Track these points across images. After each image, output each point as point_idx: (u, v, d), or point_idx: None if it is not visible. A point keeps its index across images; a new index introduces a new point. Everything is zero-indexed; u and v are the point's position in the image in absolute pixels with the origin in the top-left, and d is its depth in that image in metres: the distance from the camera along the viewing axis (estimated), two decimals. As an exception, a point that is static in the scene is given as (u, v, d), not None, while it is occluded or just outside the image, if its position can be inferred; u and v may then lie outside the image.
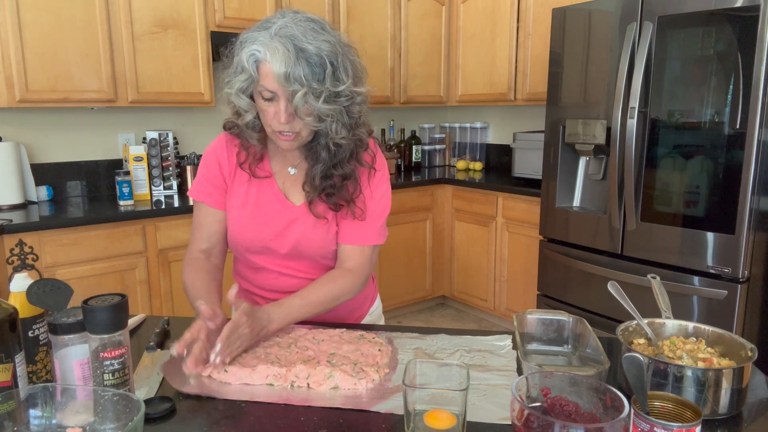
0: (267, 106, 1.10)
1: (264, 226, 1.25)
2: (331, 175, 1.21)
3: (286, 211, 1.25)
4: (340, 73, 1.09)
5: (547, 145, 2.83)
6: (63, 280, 0.88)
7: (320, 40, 1.06)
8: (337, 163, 1.20)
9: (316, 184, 1.21)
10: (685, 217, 2.27)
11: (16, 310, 0.82)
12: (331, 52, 1.07)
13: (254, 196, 1.25)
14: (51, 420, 0.74)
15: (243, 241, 1.26)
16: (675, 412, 0.75)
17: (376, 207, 1.27)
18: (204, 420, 0.86)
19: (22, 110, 2.78)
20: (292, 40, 1.04)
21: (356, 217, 1.24)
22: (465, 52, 3.88)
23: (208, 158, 1.27)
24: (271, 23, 1.08)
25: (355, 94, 1.12)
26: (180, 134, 3.28)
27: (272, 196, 1.26)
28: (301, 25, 1.06)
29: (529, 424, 0.67)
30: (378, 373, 0.98)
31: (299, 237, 1.25)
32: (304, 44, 1.04)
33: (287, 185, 1.27)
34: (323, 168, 1.20)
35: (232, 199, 1.26)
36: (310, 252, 1.26)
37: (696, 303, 2.26)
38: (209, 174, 1.26)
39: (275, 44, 1.04)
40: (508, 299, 3.45)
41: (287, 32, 1.05)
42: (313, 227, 1.24)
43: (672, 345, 0.97)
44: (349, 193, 1.23)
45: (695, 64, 2.19)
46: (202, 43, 2.92)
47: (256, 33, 1.08)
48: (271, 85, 1.06)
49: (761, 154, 2.06)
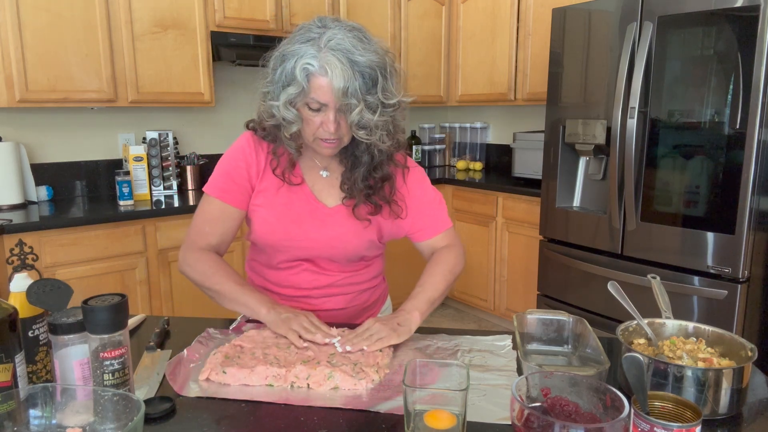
0: (313, 116, 1.11)
1: (293, 226, 1.24)
2: (371, 177, 1.23)
3: (317, 212, 1.25)
4: (389, 83, 1.10)
5: (547, 145, 2.83)
6: (63, 280, 0.88)
7: (370, 51, 1.07)
8: (377, 166, 1.22)
9: (360, 187, 1.22)
10: (685, 217, 2.27)
11: (16, 310, 0.82)
12: (380, 63, 1.08)
13: (284, 196, 1.25)
14: (51, 420, 0.74)
15: (271, 239, 1.26)
16: (675, 412, 0.74)
17: (432, 197, 1.32)
18: (204, 420, 0.86)
19: (22, 110, 2.78)
20: (346, 53, 1.05)
21: (398, 215, 1.28)
22: (465, 52, 3.88)
23: (233, 156, 1.26)
24: (316, 34, 1.07)
25: (403, 103, 1.14)
26: (180, 134, 3.28)
27: (303, 197, 1.25)
28: (350, 37, 1.06)
29: (529, 424, 0.67)
30: (378, 374, 0.98)
31: (331, 238, 1.25)
32: (356, 57, 1.05)
33: (318, 187, 1.27)
34: (365, 171, 1.22)
35: (260, 199, 1.25)
36: (340, 253, 1.27)
37: (696, 303, 2.26)
38: (233, 172, 1.25)
39: (330, 58, 1.04)
40: (508, 299, 3.45)
41: (339, 45, 1.05)
42: (348, 230, 1.25)
43: (672, 345, 0.97)
44: (388, 193, 1.25)
45: (695, 64, 2.19)
46: (202, 43, 2.92)
47: (303, 46, 1.07)
48: (325, 98, 1.07)
49: (761, 154, 2.06)
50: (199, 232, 1.25)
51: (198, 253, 1.23)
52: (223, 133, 3.45)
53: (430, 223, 1.31)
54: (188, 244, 1.25)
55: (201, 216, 1.26)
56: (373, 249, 1.33)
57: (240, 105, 3.45)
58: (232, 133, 3.47)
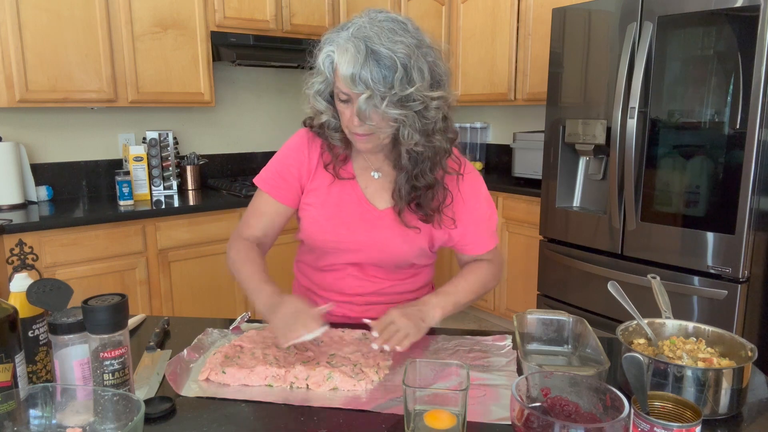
0: (344, 108, 1.09)
1: (342, 228, 1.22)
2: (416, 185, 1.17)
3: (368, 214, 1.22)
4: (413, 76, 1.03)
5: (547, 145, 2.83)
6: (63, 280, 0.88)
7: (396, 42, 1.02)
8: (419, 173, 1.16)
9: (403, 194, 1.18)
10: (685, 217, 2.27)
11: (16, 310, 0.82)
12: (406, 54, 1.02)
13: (336, 196, 1.23)
14: (51, 420, 0.74)
15: (319, 239, 1.24)
16: (675, 412, 0.74)
17: (484, 212, 1.27)
18: (204, 420, 0.86)
19: (22, 110, 2.78)
20: (366, 41, 1.01)
21: (446, 226, 1.23)
22: (465, 52, 3.88)
23: (286, 154, 1.25)
24: (351, 23, 1.06)
25: (429, 98, 1.06)
26: (180, 134, 3.28)
27: (354, 198, 1.23)
28: (377, 26, 1.03)
29: (529, 424, 0.67)
30: (378, 374, 0.98)
31: (380, 242, 1.22)
32: (377, 46, 1.01)
33: (370, 189, 1.24)
34: (407, 177, 1.17)
35: (311, 198, 1.23)
36: (387, 258, 1.24)
37: (696, 303, 2.26)
38: (283, 169, 1.24)
39: (348, 45, 1.02)
40: (508, 299, 3.45)
41: (363, 33, 1.02)
42: (397, 234, 1.22)
43: (672, 345, 0.97)
44: (438, 201, 1.20)
45: (695, 64, 2.19)
46: (202, 43, 2.92)
47: (335, 34, 1.07)
48: (344, 87, 1.05)
49: (761, 154, 2.06)
50: (246, 223, 1.27)
51: (238, 241, 1.24)
52: (223, 133, 3.45)
53: (479, 239, 1.27)
54: (236, 232, 1.27)
55: (250, 208, 1.27)
56: (423, 257, 1.28)
57: (240, 105, 3.45)
58: (232, 133, 3.47)
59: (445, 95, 1.10)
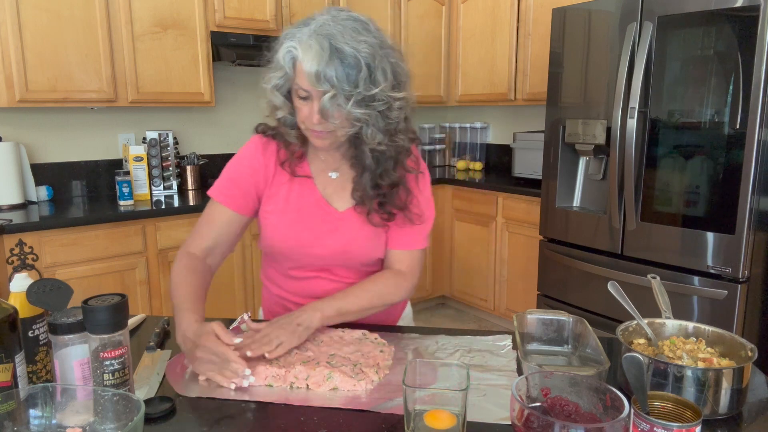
0: (302, 105, 1.08)
1: (305, 232, 1.21)
2: (379, 184, 1.18)
3: (329, 216, 1.22)
4: (377, 76, 1.04)
5: (547, 145, 2.83)
6: (63, 280, 0.88)
7: (359, 41, 1.02)
8: (382, 172, 1.17)
9: (370, 194, 1.18)
10: (685, 217, 2.27)
11: (16, 310, 0.81)
12: (369, 54, 1.03)
13: (295, 201, 1.22)
14: (51, 420, 0.74)
15: (283, 247, 1.22)
16: (675, 412, 0.74)
17: (427, 211, 1.27)
18: (204, 420, 0.86)
19: (22, 110, 2.78)
20: (329, 38, 1.01)
21: (414, 222, 1.23)
22: (465, 52, 3.88)
23: (240, 161, 1.23)
24: (312, 20, 1.05)
25: (392, 99, 1.08)
26: (180, 134, 3.28)
27: (313, 201, 1.22)
28: (341, 24, 1.02)
29: (529, 424, 0.67)
30: (378, 374, 0.98)
31: (344, 243, 1.22)
32: (341, 44, 1.01)
33: (329, 190, 1.23)
34: (371, 177, 1.17)
35: (270, 205, 1.22)
36: (354, 258, 1.24)
37: (696, 303, 2.26)
38: (238, 177, 1.22)
39: (311, 42, 1.01)
40: (508, 299, 3.45)
41: (326, 30, 1.02)
42: (360, 234, 1.22)
43: (672, 345, 0.97)
44: (402, 200, 1.20)
45: (695, 64, 2.19)
46: (202, 43, 2.92)
47: (296, 29, 1.06)
48: (305, 84, 1.04)
49: (761, 154, 2.06)
50: (195, 234, 1.23)
51: (182, 255, 1.20)
52: (223, 133, 3.44)
53: (406, 235, 1.25)
54: (183, 247, 1.22)
55: (201, 219, 1.24)
56: None
57: (240, 105, 3.45)
58: (232, 133, 3.47)
59: (408, 96, 1.11)
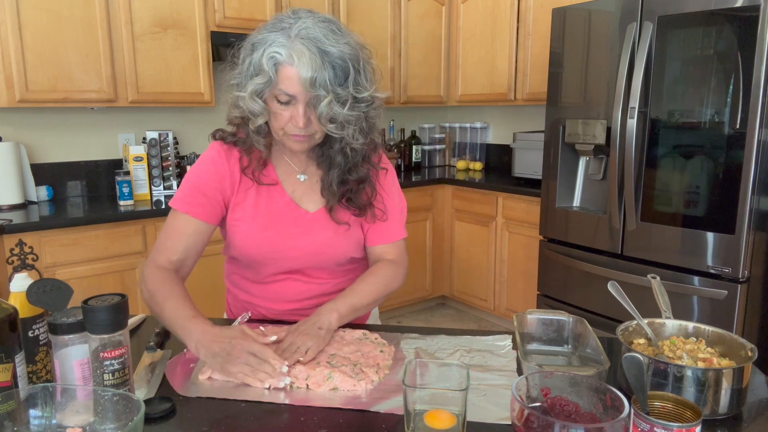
0: (282, 109, 1.07)
1: (278, 237, 1.20)
2: (347, 180, 1.19)
3: (300, 219, 1.21)
4: (362, 77, 1.06)
5: (547, 145, 2.83)
6: (63, 280, 0.88)
7: (341, 43, 1.03)
8: (351, 167, 1.18)
9: (335, 190, 1.19)
10: (685, 217, 2.27)
11: (16, 310, 0.82)
12: (353, 55, 1.04)
13: (264, 206, 1.20)
14: (51, 420, 0.74)
15: (256, 253, 1.21)
16: (675, 412, 0.74)
17: (397, 203, 1.29)
18: (204, 420, 0.86)
19: (22, 110, 2.78)
20: (316, 43, 1.01)
21: (378, 218, 1.24)
22: (465, 52, 3.88)
23: (204, 169, 1.19)
24: (287, 24, 1.04)
25: (375, 98, 1.10)
26: (180, 134, 3.28)
27: (283, 205, 1.21)
28: (321, 27, 1.03)
29: (529, 424, 0.67)
30: (378, 374, 0.98)
31: (317, 245, 1.21)
32: (328, 47, 1.01)
33: (298, 193, 1.23)
34: (339, 173, 1.18)
35: (239, 212, 1.20)
36: (328, 259, 1.24)
37: (696, 303, 2.26)
38: (203, 185, 1.17)
39: (299, 47, 1.01)
40: (508, 299, 3.45)
41: (309, 34, 1.01)
42: (333, 234, 1.22)
43: (672, 345, 0.97)
44: (368, 196, 1.22)
45: (695, 64, 2.19)
46: (202, 43, 2.92)
47: (272, 34, 1.04)
48: (293, 89, 1.03)
49: (761, 154, 2.06)
50: (161, 248, 1.17)
51: (153, 270, 1.13)
52: (223, 133, 3.44)
53: (383, 231, 1.26)
54: (148, 261, 1.16)
55: (165, 231, 1.18)
56: (361, 249, 1.29)
57: (240, 105, 3.45)
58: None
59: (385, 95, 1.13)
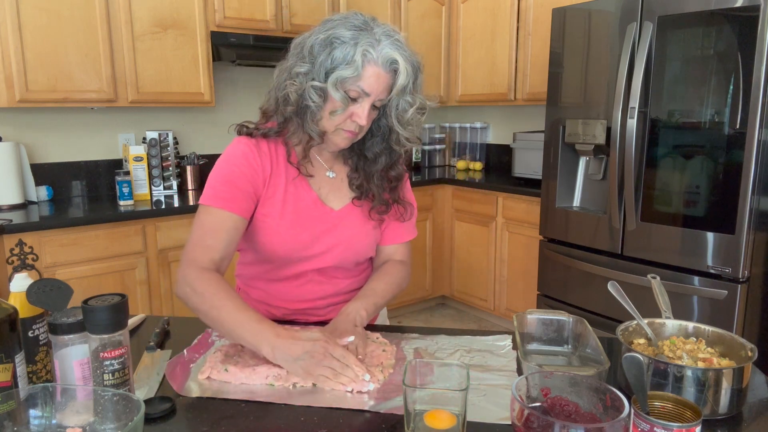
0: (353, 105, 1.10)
1: (303, 234, 1.18)
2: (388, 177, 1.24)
3: (326, 216, 1.21)
4: (420, 83, 1.14)
5: (547, 145, 2.83)
6: (63, 280, 0.88)
7: (410, 52, 1.10)
8: (393, 164, 1.23)
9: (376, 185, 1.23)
10: (685, 217, 2.27)
11: (16, 310, 0.81)
12: (419, 64, 1.13)
13: (291, 203, 1.18)
14: (51, 420, 0.74)
15: (282, 250, 1.18)
16: (675, 412, 0.74)
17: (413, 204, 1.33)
18: (204, 420, 0.86)
19: (22, 110, 2.78)
20: (405, 50, 1.08)
21: (405, 218, 1.29)
22: (465, 52, 3.88)
23: (236, 162, 1.14)
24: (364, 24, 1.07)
25: (427, 104, 1.16)
26: (180, 134, 3.28)
27: (309, 202, 1.20)
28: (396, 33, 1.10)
29: (529, 424, 0.67)
30: (383, 374, 0.98)
31: (344, 242, 1.22)
32: (407, 53, 1.08)
33: (324, 190, 1.22)
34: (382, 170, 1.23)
35: (267, 208, 1.17)
36: (351, 257, 1.24)
37: (696, 303, 2.26)
38: (237, 179, 1.13)
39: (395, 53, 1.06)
40: (508, 299, 3.45)
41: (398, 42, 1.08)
42: (359, 231, 1.23)
43: (672, 345, 0.97)
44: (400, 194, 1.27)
45: (695, 64, 2.19)
46: (202, 43, 2.92)
47: (356, 32, 1.06)
48: (370, 88, 1.07)
49: (761, 154, 2.06)
50: (201, 247, 1.09)
51: (198, 271, 1.06)
52: (223, 133, 3.44)
53: (402, 229, 1.31)
54: (188, 261, 1.08)
55: (201, 229, 1.11)
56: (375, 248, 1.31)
57: (240, 105, 3.45)
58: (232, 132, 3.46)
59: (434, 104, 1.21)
